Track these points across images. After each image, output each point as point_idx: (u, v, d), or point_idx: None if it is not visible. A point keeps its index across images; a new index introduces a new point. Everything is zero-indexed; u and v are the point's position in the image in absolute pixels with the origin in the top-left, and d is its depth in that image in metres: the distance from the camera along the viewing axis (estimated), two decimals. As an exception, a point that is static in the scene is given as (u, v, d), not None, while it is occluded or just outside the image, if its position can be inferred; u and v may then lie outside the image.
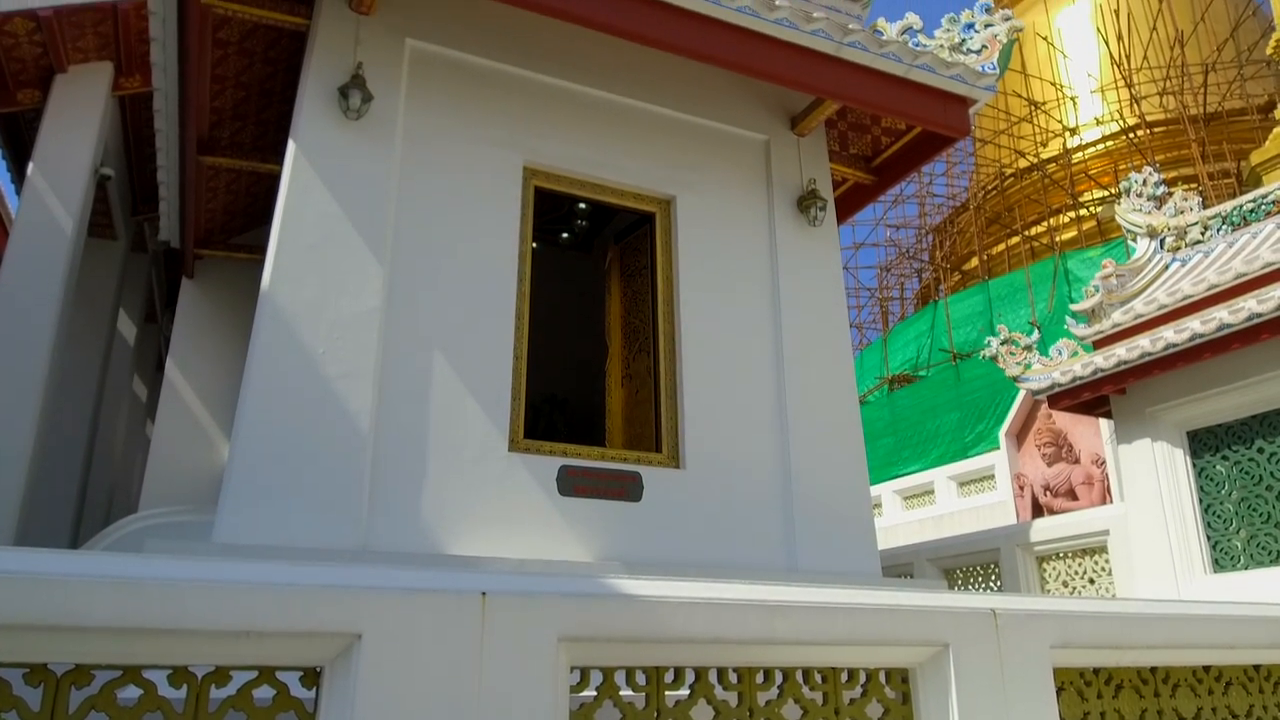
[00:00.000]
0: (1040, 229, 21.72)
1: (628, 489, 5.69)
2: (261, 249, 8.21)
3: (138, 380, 12.52)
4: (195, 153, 7.10)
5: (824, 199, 6.97)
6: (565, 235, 10.15)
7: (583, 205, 9.37)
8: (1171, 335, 9.16)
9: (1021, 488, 14.64)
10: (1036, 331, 11.25)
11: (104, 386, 10.00)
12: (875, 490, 17.01)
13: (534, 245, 6.26)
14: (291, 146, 5.41)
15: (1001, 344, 10.92)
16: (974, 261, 23.17)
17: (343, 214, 5.32)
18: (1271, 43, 16.09)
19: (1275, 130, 15.39)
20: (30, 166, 8.01)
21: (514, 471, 5.42)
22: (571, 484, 5.53)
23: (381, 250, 5.37)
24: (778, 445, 6.31)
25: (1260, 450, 8.86)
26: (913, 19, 6.79)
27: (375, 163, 5.52)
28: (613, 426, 6.76)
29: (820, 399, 6.57)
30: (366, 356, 5.13)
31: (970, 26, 6.92)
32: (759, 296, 6.68)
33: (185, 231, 8.75)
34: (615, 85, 6.55)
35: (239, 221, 9.02)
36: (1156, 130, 21.27)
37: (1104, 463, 13.11)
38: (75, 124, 8.16)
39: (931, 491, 16.64)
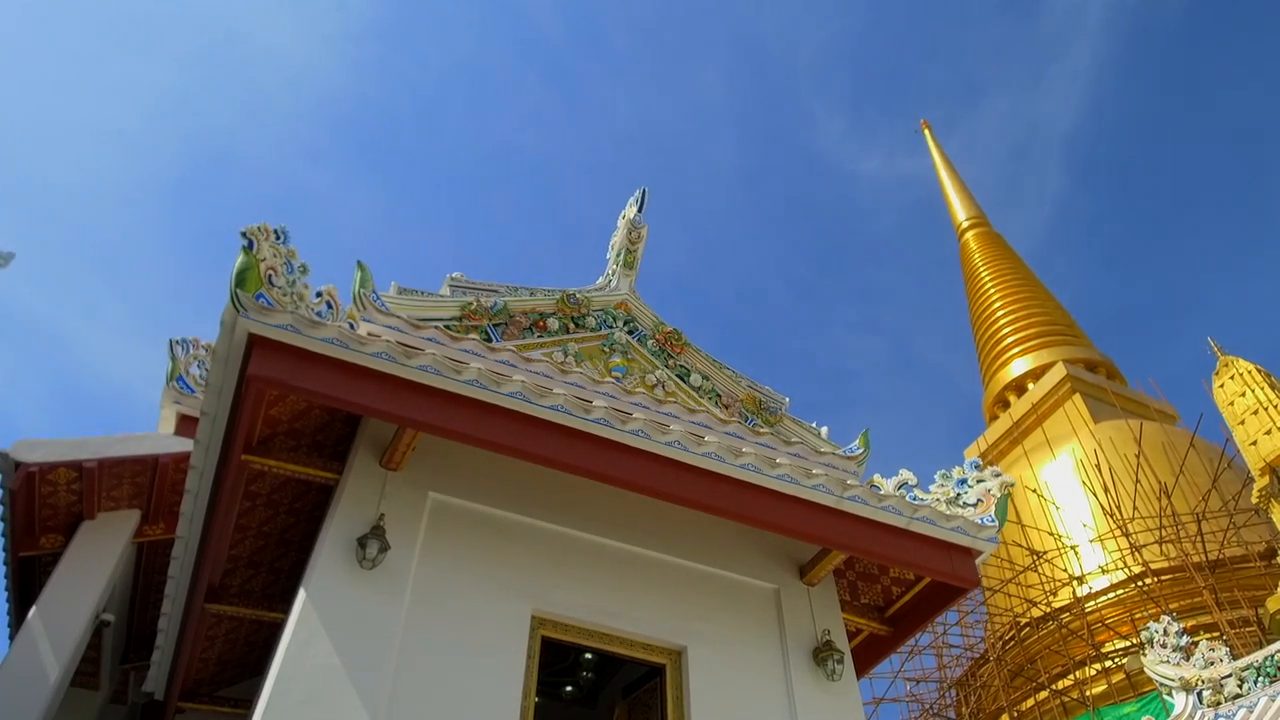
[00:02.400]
0: (1068, 681, 20.67)
1: None
2: (248, 703, 7.77)
3: None
4: (204, 600, 7.07)
5: (840, 650, 6.75)
6: (569, 688, 9.64)
7: (589, 656, 9.05)
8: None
9: None
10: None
11: None
12: None
13: (536, 699, 5.93)
14: (301, 595, 5.40)
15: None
16: (1004, 718, 21.68)
17: (342, 666, 5.12)
18: (1255, 492, 16.80)
19: (1284, 579, 15.36)
20: (32, 610, 7.92)
21: None
22: None
23: (378, 706, 5.08)
24: None
25: None
26: (907, 475, 7.18)
27: (383, 613, 5.45)
28: None
29: None
30: (344, 832, 4.58)
31: (963, 482, 7.29)
32: (779, 759, 6.14)
33: (173, 682, 8.36)
34: (626, 535, 6.72)
35: (230, 672, 8.67)
36: (1164, 578, 21.25)
37: None
38: (90, 570, 8.23)
39: None
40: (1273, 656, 10.87)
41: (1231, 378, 17.56)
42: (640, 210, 9.72)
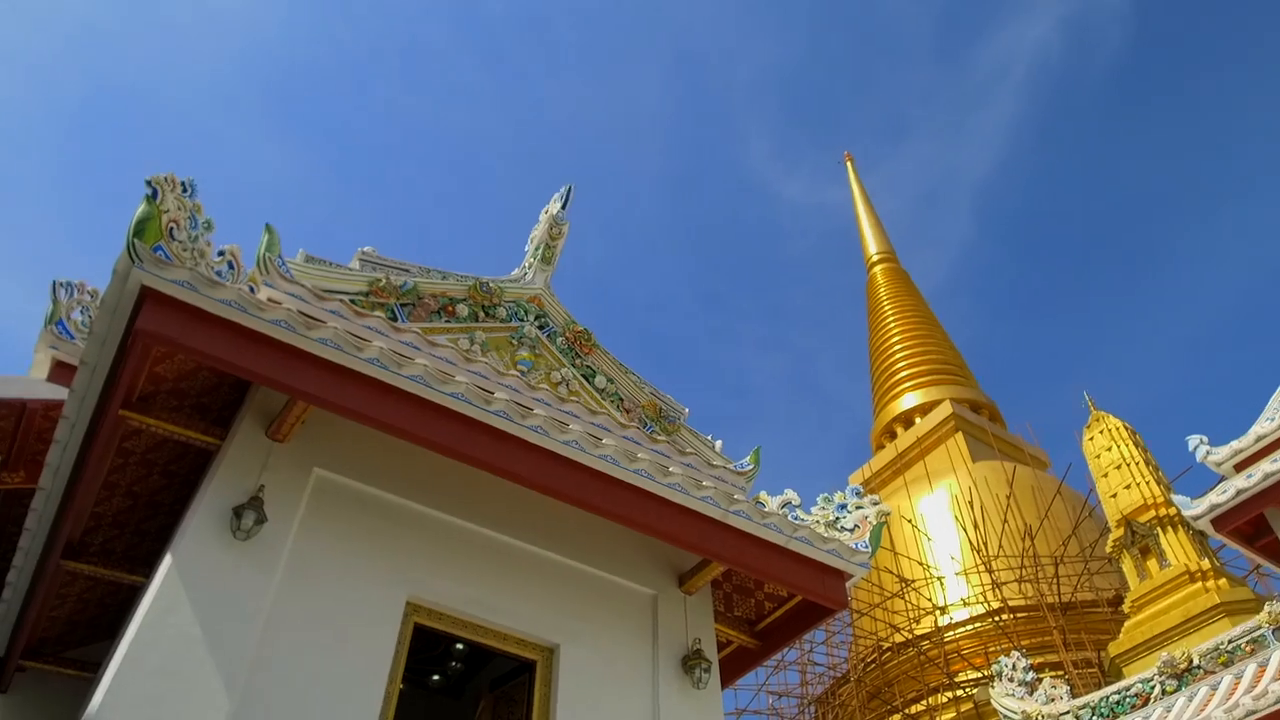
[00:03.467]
0: (920, 707, 21.57)
1: None
2: (96, 665, 7.43)
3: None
4: (60, 556, 6.73)
5: (709, 660, 6.91)
6: (436, 677, 9.55)
7: (460, 646, 8.99)
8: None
9: None
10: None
11: None
12: None
13: (401, 686, 5.87)
14: (167, 560, 5.21)
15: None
16: (858, 737, 22.46)
17: (203, 637, 4.97)
18: (1109, 542, 17.90)
19: (1126, 624, 16.43)
20: None
21: None
22: None
23: (235, 681, 4.94)
24: None
25: None
26: (791, 495, 7.41)
27: (251, 586, 5.31)
28: None
29: None
30: (187, 807, 4.45)
31: (843, 507, 7.57)
32: (638, 762, 6.25)
33: (17, 638, 7.92)
34: (512, 529, 6.72)
35: (80, 633, 8.26)
36: (1019, 615, 22.40)
37: None
38: (-65, 514, 7.73)
39: None
40: (1108, 698, 11.62)
41: (1101, 432, 18.67)
42: (564, 207, 9.73)
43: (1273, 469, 9.64)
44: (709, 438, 9.34)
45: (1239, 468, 10.44)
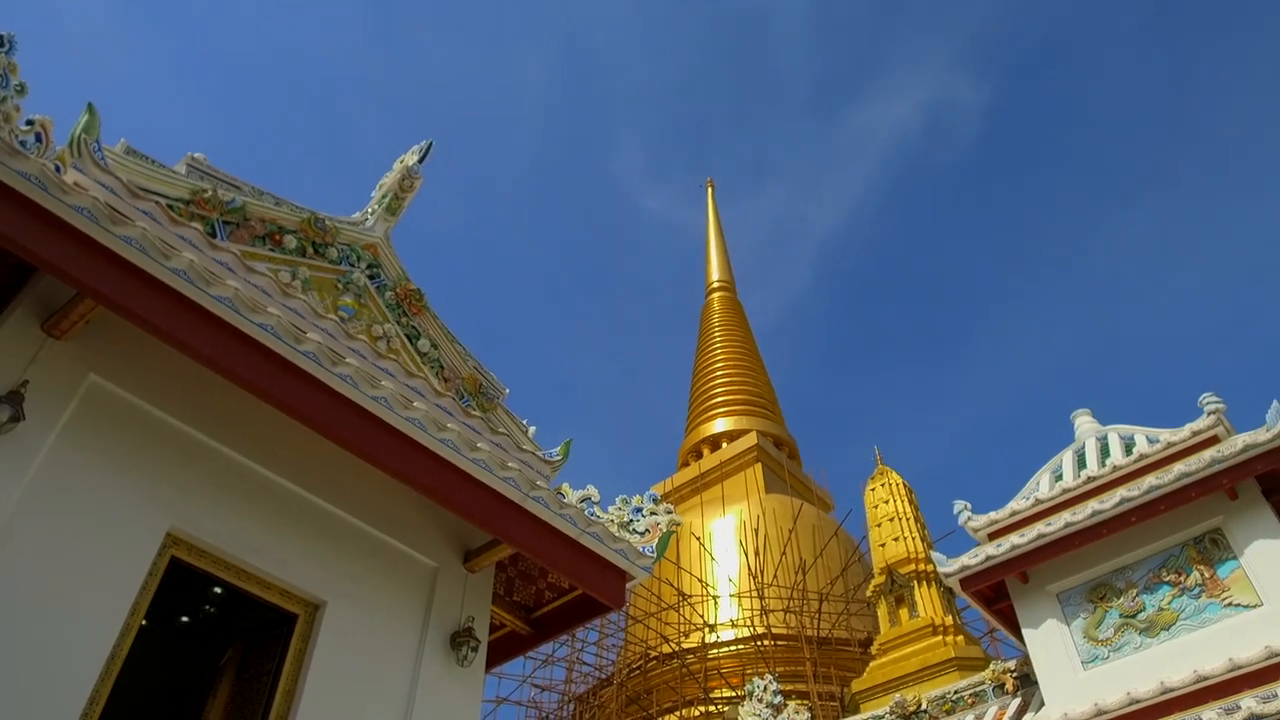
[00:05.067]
0: (673, 718, 22.33)
1: None
2: None
3: None
4: None
5: (478, 640, 6.86)
6: (185, 619, 8.96)
7: (218, 590, 8.48)
8: None
9: None
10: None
11: None
12: None
13: (145, 622, 5.48)
14: (-108, 443, 4.63)
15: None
16: (610, 739, 22.96)
17: (-80, 533, 4.44)
18: (870, 587, 19.24)
19: (871, 665, 17.69)
20: None
21: None
22: None
23: (-50, 587, 4.45)
24: None
25: None
26: (592, 491, 7.50)
27: (-8, 486, 4.80)
28: None
29: None
30: None
31: (639, 510, 7.74)
32: (386, 732, 6.11)
33: None
34: (297, 477, 6.42)
35: None
36: (780, 643, 23.66)
37: None
38: None
39: None
40: (841, 727, 12.44)
41: (883, 485, 20.05)
42: (421, 161, 9.43)
43: (1019, 542, 10.69)
44: (524, 422, 9.31)
45: (992, 536, 11.51)
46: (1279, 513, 9.55)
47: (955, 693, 11.95)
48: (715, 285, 44.18)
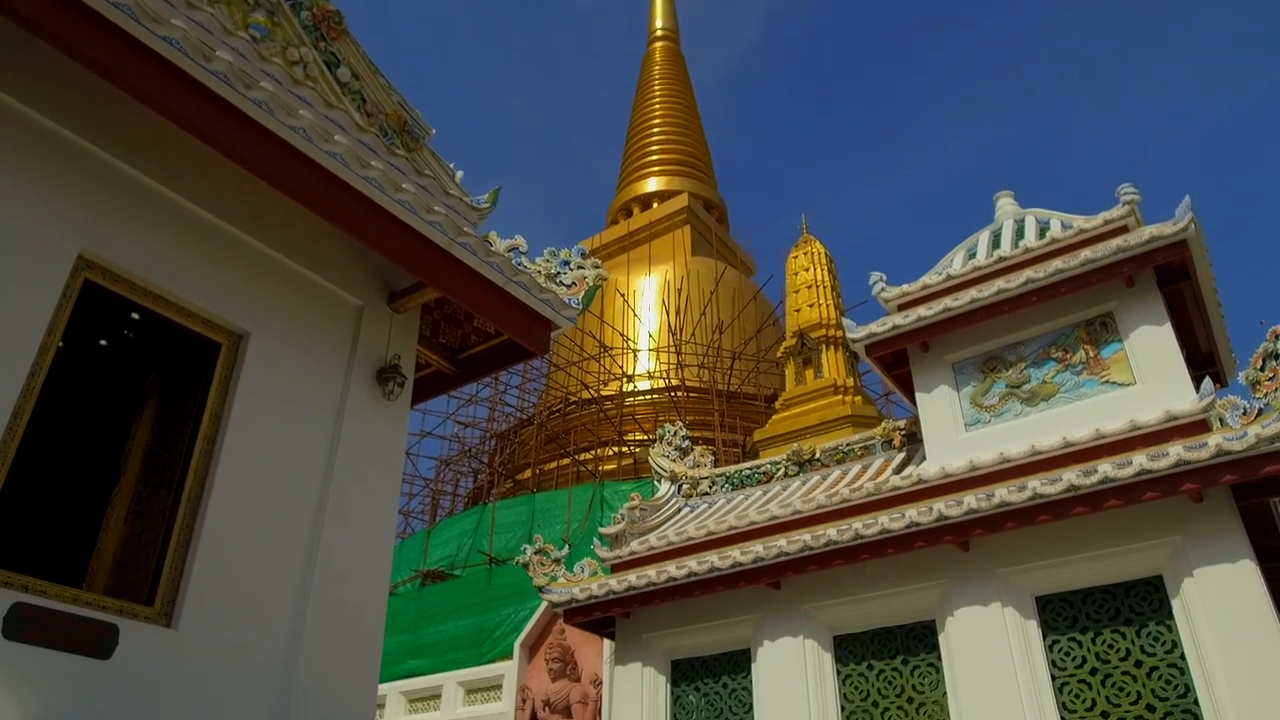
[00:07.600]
0: (588, 456, 23.86)
1: (98, 643, 4.83)
2: None
3: None
4: None
5: (404, 376, 7.07)
6: (105, 343, 8.93)
7: (136, 316, 8.42)
8: (672, 570, 10.37)
9: (524, 700, 14.94)
10: (567, 546, 12.06)
11: None
12: (382, 688, 16.19)
13: (62, 344, 5.45)
14: None
15: (535, 553, 11.50)
16: (527, 473, 24.54)
17: None
18: (780, 349, 20.20)
19: (774, 418, 18.94)
20: None
21: (-53, 602, 4.36)
22: (23, 627, 4.57)
23: None
24: (293, 619, 5.85)
25: (724, 685, 10.12)
26: (519, 240, 7.49)
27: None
28: (99, 567, 5.80)
29: (350, 577, 6.30)
30: None
31: (566, 263, 7.80)
32: (313, 458, 6.39)
33: None
34: (214, 204, 6.21)
35: None
36: (692, 394, 25.01)
37: (601, 684, 13.99)
38: None
39: (439, 695, 16.28)
40: (740, 471, 13.54)
41: (805, 253, 20.50)
42: None
43: (925, 314, 11.25)
44: (451, 166, 9.04)
45: (902, 308, 12.06)
46: (1169, 302, 10.20)
47: (847, 445, 13.00)
48: (658, 34, 41.94)
